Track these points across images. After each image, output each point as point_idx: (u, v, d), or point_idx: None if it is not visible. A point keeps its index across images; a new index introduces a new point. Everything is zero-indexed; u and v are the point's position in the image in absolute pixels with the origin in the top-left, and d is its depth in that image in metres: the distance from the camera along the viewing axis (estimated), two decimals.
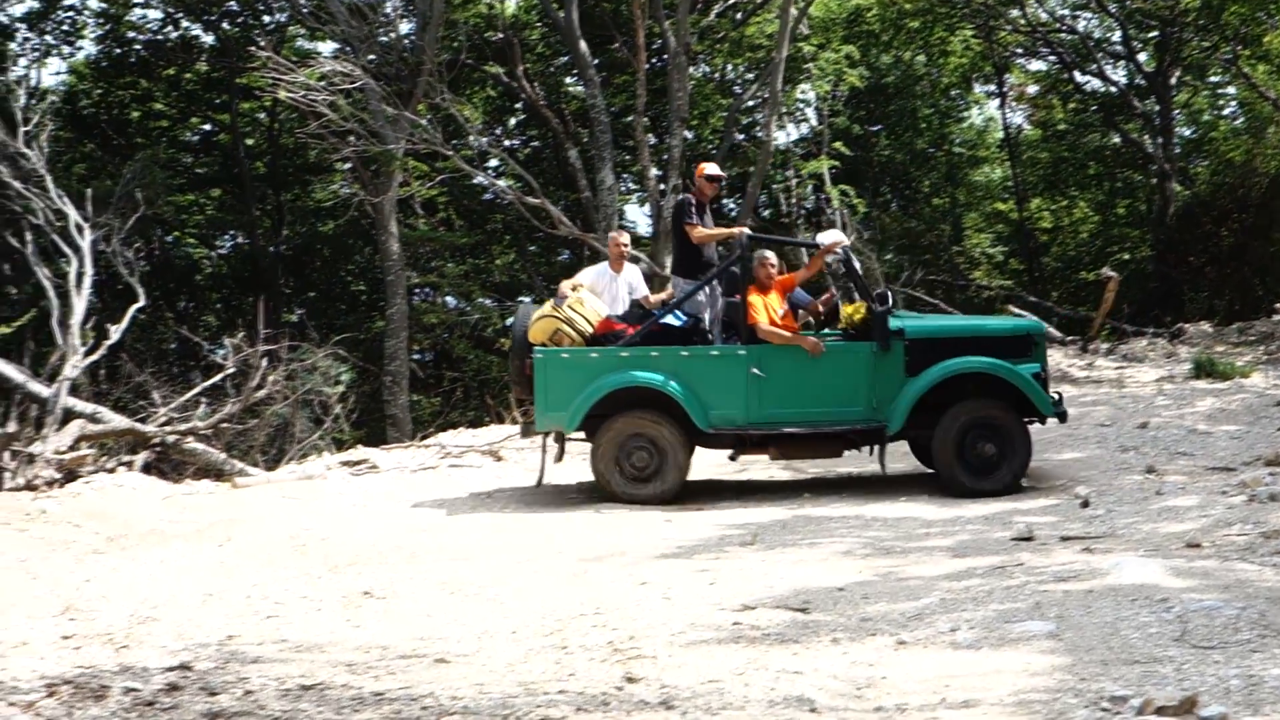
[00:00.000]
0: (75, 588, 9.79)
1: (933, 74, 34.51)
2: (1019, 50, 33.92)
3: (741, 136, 31.24)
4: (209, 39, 33.19)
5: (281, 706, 6.44)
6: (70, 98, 32.97)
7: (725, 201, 33.21)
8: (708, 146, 31.54)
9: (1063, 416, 13.23)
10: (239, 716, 6.29)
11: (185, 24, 33.16)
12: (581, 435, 13.48)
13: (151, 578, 10.18)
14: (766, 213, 33.07)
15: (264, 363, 19.36)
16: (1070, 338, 24.00)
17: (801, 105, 32.86)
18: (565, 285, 13.99)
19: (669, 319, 13.33)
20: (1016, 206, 35.26)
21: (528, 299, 14.33)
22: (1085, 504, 11.68)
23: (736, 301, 13.27)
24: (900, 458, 14.43)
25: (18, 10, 32.27)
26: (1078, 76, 33.24)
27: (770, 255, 13.32)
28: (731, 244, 13.69)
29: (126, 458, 17.40)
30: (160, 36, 33.39)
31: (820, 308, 13.91)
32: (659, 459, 12.96)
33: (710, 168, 14.49)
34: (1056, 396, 13.46)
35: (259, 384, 18.72)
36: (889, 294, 14.01)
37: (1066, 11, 32.52)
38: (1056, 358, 21.53)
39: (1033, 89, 35.63)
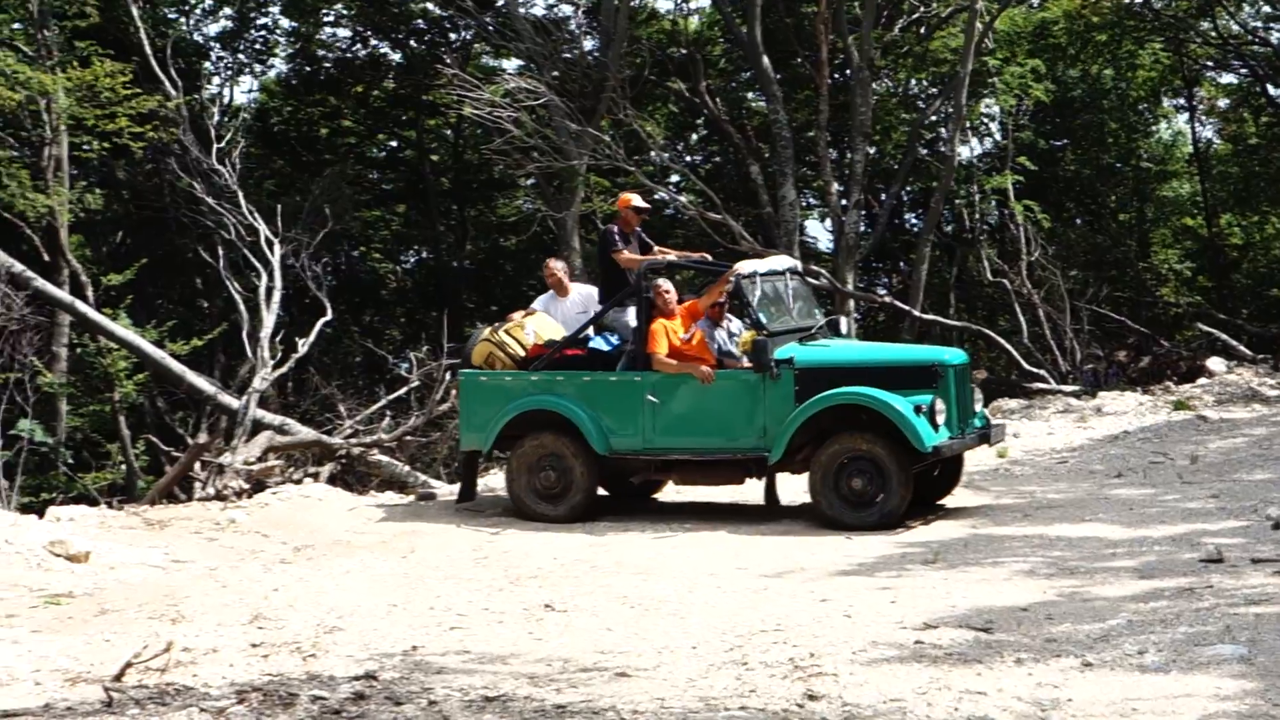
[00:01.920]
0: (263, 596, 10.00)
1: (1120, 87, 33.93)
2: (1209, 63, 33.23)
3: (925, 151, 30.97)
4: (396, 57, 33.73)
5: (465, 717, 6.54)
6: (261, 115, 33.70)
7: (909, 217, 33.01)
8: (890, 162, 31.35)
9: (985, 439, 13.43)
10: None
11: (374, 42, 33.72)
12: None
13: (337, 588, 10.35)
14: (950, 228, 32.78)
15: (447, 376, 19.56)
16: (1261, 356, 23.45)
17: (986, 120, 32.53)
18: (518, 314, 14.27)
19: (597, 343, 13.45)
20: (1206, 222, 34.53)
21: (481, 327, 14.60)
22: (1277, 525, 11.37)
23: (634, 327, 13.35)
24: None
25: (213, 29, 32.99)
26: (1270, 89, 32.49)
27: (664, 283, 13.12)
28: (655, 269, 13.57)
29: (313, 469, 17.70)
30: (349, 54, 33.97)
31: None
32: (566, 479, 13.08)
33: (636, 199, 14.55)
34: (985, 420, 13.66)
35: (442, 397, 18.92)
36: (840, 320, 14.47)
37: (1259, 23, 31.80)
38: (1247, 376, 21.05)
39: (1223, 102, 34.90)
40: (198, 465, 16.46)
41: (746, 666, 7.52)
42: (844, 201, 27.41)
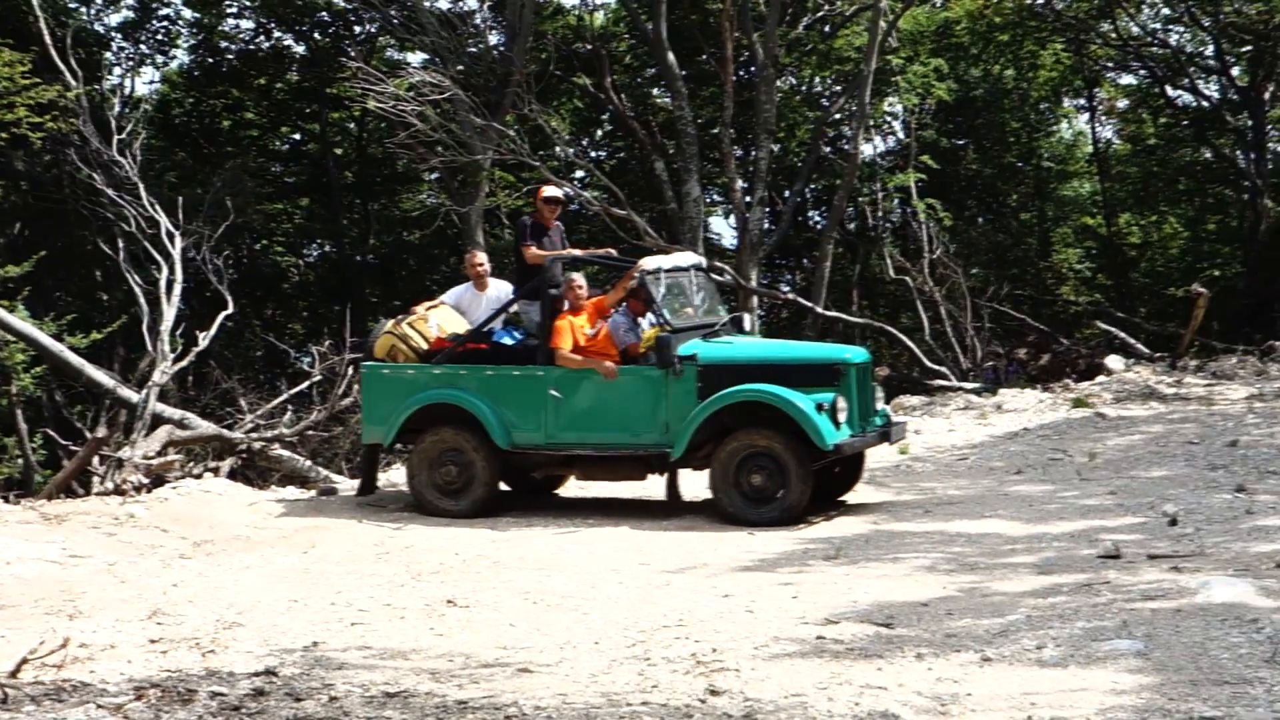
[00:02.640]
0: (162, 592, 9.91)
1: (1022, 87, 34.31)
2: (1109, 64, 33.65)
3: (828, 149, 31.16)
4: (300, 49, 33.54)
5: (366, 713, 6.48)
6: (163, 106, 33.39)
7: (812, 214, 33.18)
8: (794, 159, 31.52)
9: (886, 437, 13.40)
10: None
11: (277, 34, 33.53)
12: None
13: (237, 583, 10.28)
14: (853, 225, 33.00)
15: (349, 371, 19.46)
16: (1159, 354, 23.75)
17: (889, 118, 32.82)
18: (422, 306, 14.20)
19: (502, 338, 13.50)
20: (1105, 222, 34.99)
21: (384, 320, 14.56)
22: (1173, 522, 11.53)
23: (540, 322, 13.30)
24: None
25: (114, 19, 32.63)
26: (1169, 91, 32.94)
27: (578, 278, 13.21)
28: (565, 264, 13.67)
29: (213, 464, 17.55)
30: (252, 46, 33.75)
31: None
32: (468, 474, 13.05)
33: (548, 190, 14.59)
34: (886, 417, 13.64)
35: (344, 392, 18.81)
36: (744, 317, 14.33)
37: (1158, 25, 32.25)
38: (1145, 374, 21.33)
39: (1123, 103, 35.36)
40: (96, 459, 16.26)
41: (649, 662, 7.51)
42: (748, 198, 27.52)
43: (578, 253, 14.38)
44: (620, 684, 7.05)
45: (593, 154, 32.59)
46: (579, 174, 29.65)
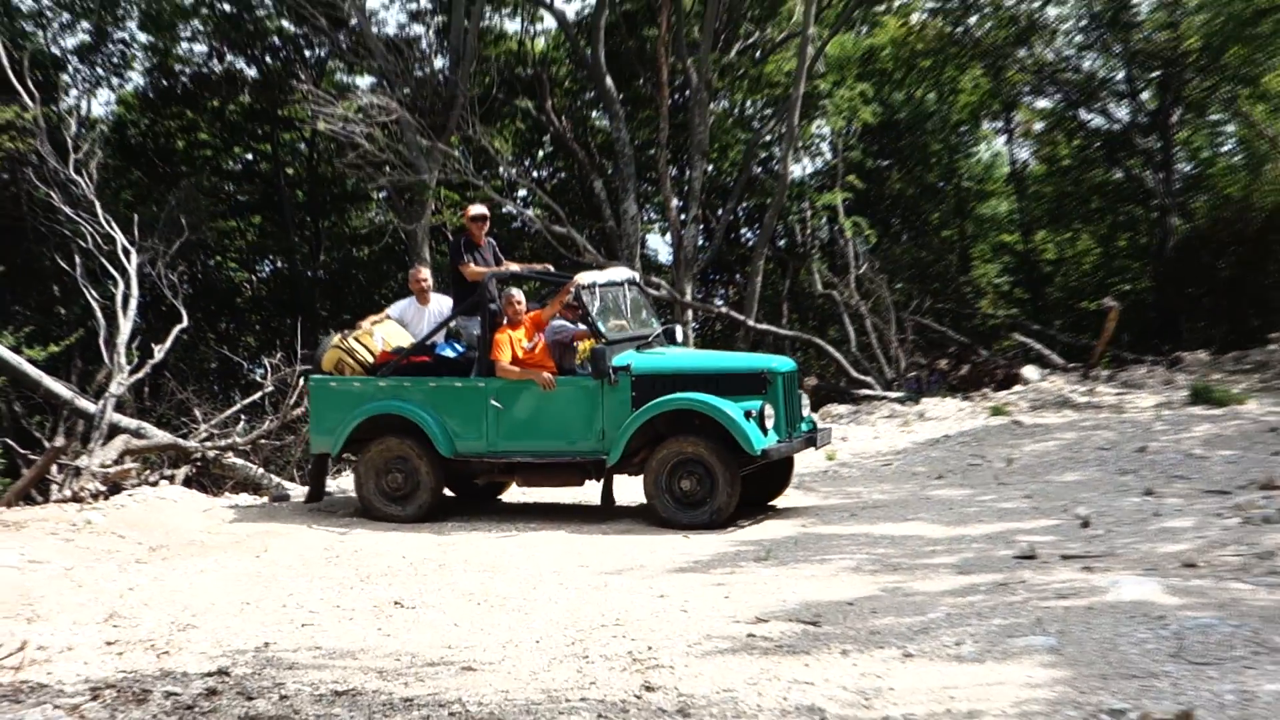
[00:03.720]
0: (118, 595, 9.87)
1: (943, 111, 34.53)
2: (1026, 88, 33.86)
3: (759, 169, 31.28)
4: (252, 72, 33.36)
5: (316, 711, 6.50)
6: (119, 127, 33.15)
7: (744, 231, 33.24)
8: (727, 179, 31.62)
9: (812, 443, 13.33)
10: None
11: (230, 57, 33.34)
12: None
13: (191, 586, 10.25)
14: (783, 242, 33.12)
15: (300, 382, 19.39)
16: (1072, 365, 23.95)
17: (817, 140, 32.97)
18: (367, 320, 14.25)
19: (444, 350, 13.52)
20: (1022, 239, 35.26)
21: (332, 334, 14.60)
22: (1085, 524, 11.64)
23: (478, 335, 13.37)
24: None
25: (70, 43, 32.40)
26: (1082, 114, 33.20)
27: (516, 293, 13.31)
28: (503, 280, 13.90)
29: (169, 471, 17.47)
30: (205, 70, 33.56)
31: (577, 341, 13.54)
32: (413, 480, 13.18)
33: (474, 209, 14.74)
34: (812, 424, 13.55)
35: (295, 402, 18.75)
36: (675, 329, 14.40)
37: (1072, 52, 32.46)
38: (1059, 384, 21.51)
39: (1039, 126, 35.60)
40: (54, 468, 16.14)
41: (587, 660, 7.52)
42: (683, 216, 27.57)
43: (516, 268, 14.50)
44: (560, 681, 7.06)
45: (534, 174, 32.59)
46: (521, 193, 29.68)
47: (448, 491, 14.00)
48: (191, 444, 17.93)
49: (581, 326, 13.22)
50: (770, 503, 13.47)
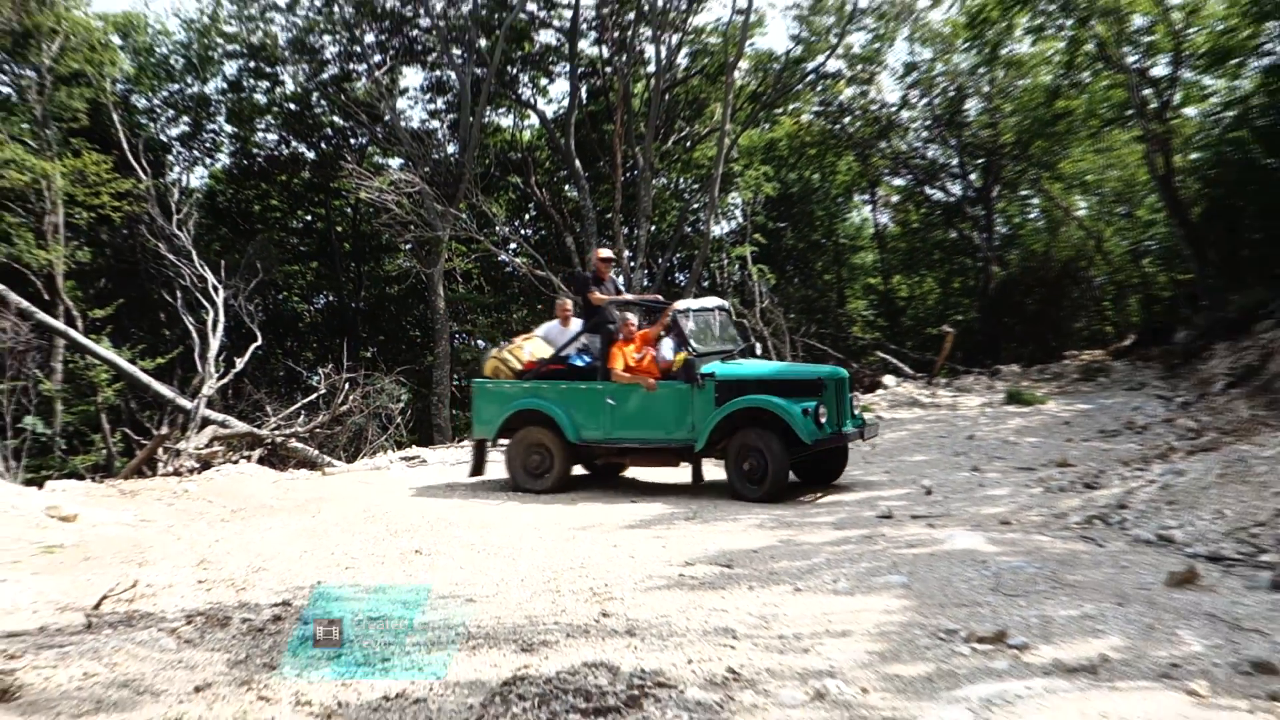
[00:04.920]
0: (207, 546, 9.77)
1: (824, 186, 34.67)
2: (885, 170, 34.03)
3: (689, 229, 31.29)
4: (311, 154, 33.17)
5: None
6: (210, 195, 32.90)
7: (678, 275, 33.26)
8: (665, 236, 31.61)
9: (861, 436, 12.56)
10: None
11: (294, 143, 33.15)
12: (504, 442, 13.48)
13: (262, 539, 10.15)
14: (706, 283, 33.12)
15: (346, 386, 19.33)
16: (919, 375, 24.08)
17: (731, 207, 32.98)
18: (519, 338, 14.02)
19: (575, 360, 13.23)
20: (883, 281, 35.41)
21: (489, 345, 14.37)
22: (929, 492, 11.71)
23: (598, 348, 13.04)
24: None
25: (174, 131, 32.19)
26: (927, 189, 33.41)
27: (631, 316, 12.93)
28: (616, 307, 13.30)
29: (246, 453, 17.35)
30: (275, 152, 33.36)
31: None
32: (549, 461, 12.86)
33: (603, 251, 14.29)
34: (861, 420, 12.89)
35: (342, 401, 18.68)
36: (755, 346, 14.08)
37: (919, 143, 32.69)
38: (910, 389, 21.62)
39: (895, 198, 35.77)
40: (160, 451, 16.03)
41: (559, 594, 7.49)
42: (632, 263, 27.56)
43: (630, 297, 14.02)
44: (538, 609, 7.03)
45: (522, 231, 32.45)
46: (512, 245, 29.55)
47: (579, 470, 13.65)
48: (264, 432, 17.81)
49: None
50: (834, 481, 12.80)
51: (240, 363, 19.60)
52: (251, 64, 31.42)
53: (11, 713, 4.88)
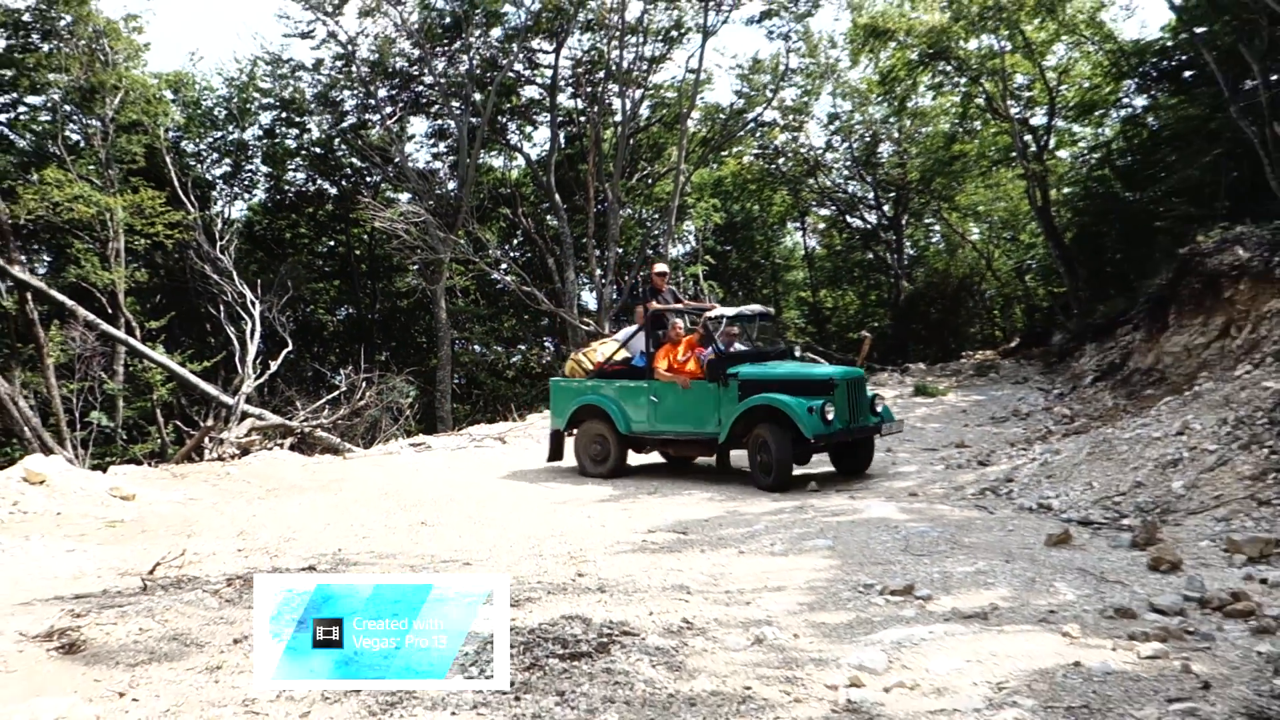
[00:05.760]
0: (246, 520, 9.67)
1: (763, 215, 34.71)
2: (813, 202, 34.15)
3: (650, 251, 31.22)
4: (333, 190, 32.90)
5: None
6: (249, 224, 32.56)
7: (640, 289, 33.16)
8: (631, 257, 31.53)
9: (876, 431, 11.28)
10: None
11: (319, 181, 32.88)
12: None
13: (293, 514, 10.05)
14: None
15: (364, 384, 19.17)
16: None
17: (687, 233, 32.95)
18: (596, 342, 13.47)
19: (637, 361, 12.45)
20: (812, 294, 35.49)
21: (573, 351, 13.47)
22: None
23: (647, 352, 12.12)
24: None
25: (217, 171, 31.92)
26: (848, 218, 33.53)
27: (678, 321, 12.05)
28: (664, 313, 12.32)
29: (279, 441, 17.16)
30: (304, 188, 33.09)
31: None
32: (607, 449, 12.19)
33: (658, 266, 13.43)
34: (879, 417, 11.37)
35: (360, 397, 18.52)
36: (794, 348, 13.09)
37: (841, 180, 32.84)
38: None
39: (821, 225, 35.88)
40: (206, 440, 15.84)
41: (541, 557, 7.43)
42: (603, 280, 27.48)
43: (679, 305, 12.74)
44: (524, 571, 6.97)
45: (511, 254, 32.27)
46: (503, 266, 29.38)
47: (636, 457, 12.91)
48: (294, 423, 17.63)
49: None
50: (864, 472, 11.55)
51: (274, 365, 19.42)
52: (283, 114, 31.17)
53: (78, 663, 4.80)
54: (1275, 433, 8.01)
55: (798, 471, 11.27)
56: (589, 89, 28.61)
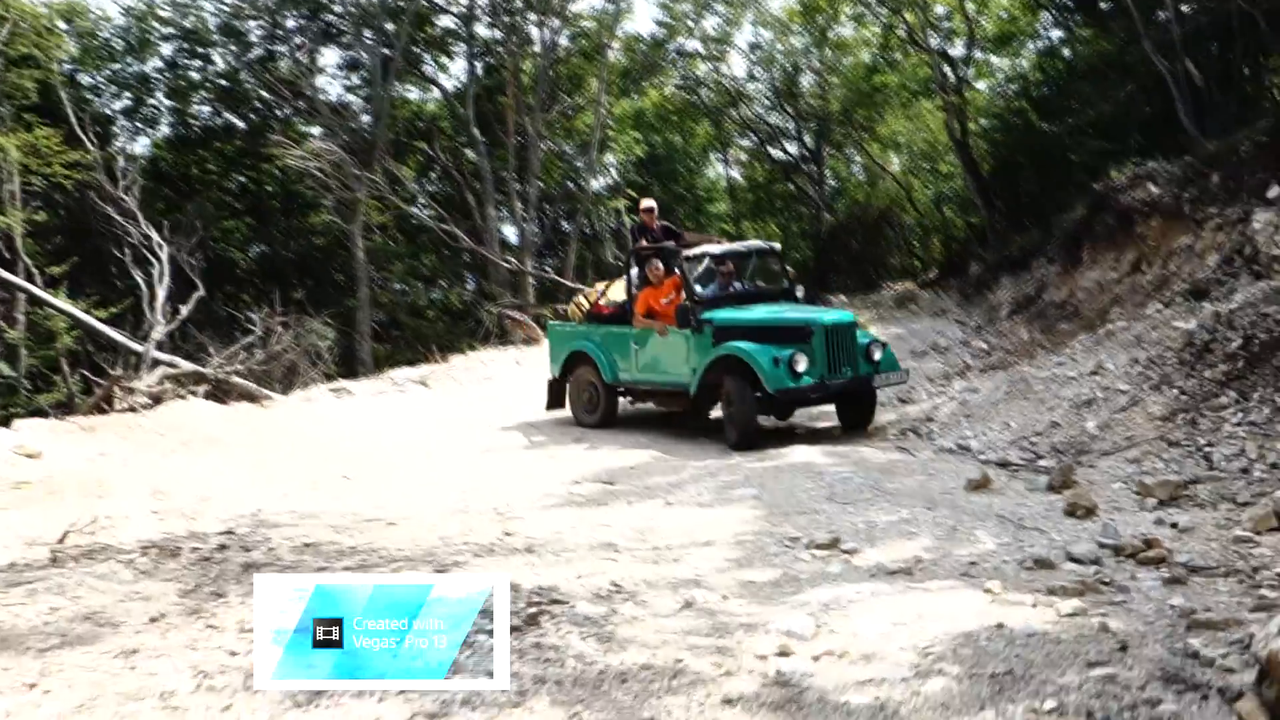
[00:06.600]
0: (161, 477, 9.32)
1: (685, 147, 34.48)
2: (735, 133, 34.00)
3: (572, 185, 30.88)
4: (242, 124, 31.83)
5: (292, 558, 6.20)
6: (153, 161, 31.35)
7: (564, 224, 32.83)
8: (552, 191, 31.14)
9: (862, 385, 10.06)
10: (265, 565, 6.04)
11: (226, 114, 31.81)
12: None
13: (210, 469, 9.77)
14: (587, 230, 32.75)
15: (280, 328, 18.78)
16: None
17: (608, 166, 32.66)
18: (601, 283, 12.64)
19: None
20: (735, 227, 35.46)
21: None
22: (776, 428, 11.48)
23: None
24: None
25: (118, 106, 30.65)
26: (770, 150, 33.49)
27: (656, 263, 11.03)
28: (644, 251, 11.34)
29: (193, 388, 16.72)
30: (210, 123, 31.99)
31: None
32: (596, 398, 11.42)
33: (644, 202, 12.32)
34: (873, 368, 10.09)
35: (277, 341, 18.14)
36: (796, 288, 11.55)
37: (763, 110, 32.73)
38: None
39: (743, 157, 35.78)
40: (116, 389, 15.36)
41: (468, 513, 7.30)
42: (524, 216, 27.15)
43: (669, 244, 11.44)
44: (450, 530, 6.82)
45: (428, 187, 31.59)
46: (421, 201, 28.77)
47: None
48: (208, 370, 17.19)
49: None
50: (866, 426, 10.36)
51: (185, 310, 18.85)
52: (185, 46, 29.98)
53: None
54: (1184, 373, 8.23)
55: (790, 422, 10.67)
56: (506, 19, 27.96)
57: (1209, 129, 14.09)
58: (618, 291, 11.96)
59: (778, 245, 12.07)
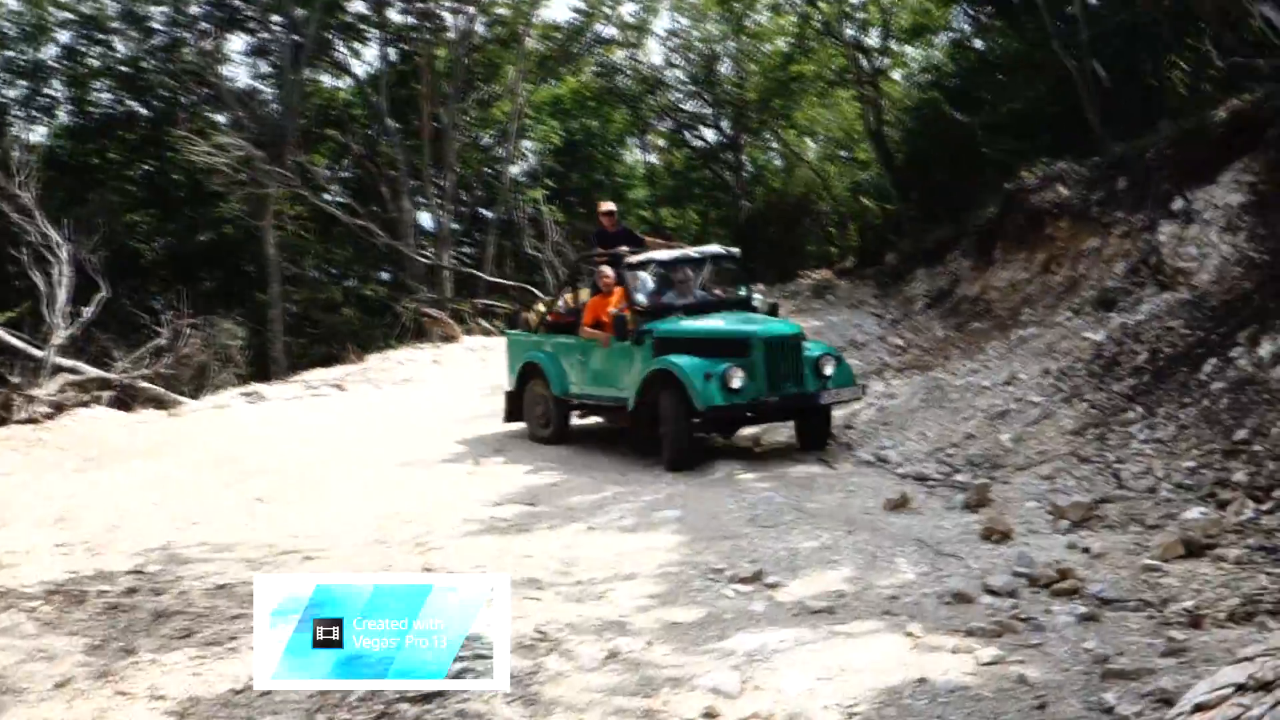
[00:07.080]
0: (65, 499, 9.02)
1: (604, 133, 34.31)
2: (653, 119, 33.93)
3: (489, 173, 30.57)
4: (145, 111, 30.86)
5: (205, 603, 6.01)
6: (51, 152, 30.26)
7: (483, 212, 32.46)
8: (470, 179, 30.78)
9: (807, 401, 9.35)
10: (177, 614, 5.85)
11: (128, 102, 30.81)
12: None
13: (117, 489, 9.46)
14: (506, 219, 32.46)
15: (188, 329, 18.32)
16: None
17: (526, 154, 32.36)
18: (567, 293, 11.78)
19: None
20: (654, 213, 35.45)
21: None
22: None
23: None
24: None
25: (11, 94, 29.51)
26: (688, 136, 33.51)
27: (606, 270, 10.42)
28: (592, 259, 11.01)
29: (98, 393, 16.25)
30: (112, 110, 30.97)
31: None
32: (548, 413, 10.85)
33: (603, 205, 12.11)
34: (823, 382, 9.42)
35: (185, 344, 17.70)
36: (756, 297, 10.96)
37: (681, 96, 32.74)
38: None
39: (662, 143, 35.72)
40: (15, 398, 14.85)
41: (386, 544, 7.12)
42: (441, 204, 26.81)
43: (623, 250, 10.74)
44: (368, 563, 6.65)
45: (342, 175, 31.00)
46: (335, 190, 28.23)
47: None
48: (113, 376, 16.72)
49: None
50: (822, 444, 9.67)
51: (88, 313, 18.21)
52: (84, 32, 28.95)
53: None
54: (1093, 386, 8.43)
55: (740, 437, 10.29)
56: (420, 4, 27.50)
57: (1116, 129, 14.41)
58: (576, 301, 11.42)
59: (737, 251, 11.48)
